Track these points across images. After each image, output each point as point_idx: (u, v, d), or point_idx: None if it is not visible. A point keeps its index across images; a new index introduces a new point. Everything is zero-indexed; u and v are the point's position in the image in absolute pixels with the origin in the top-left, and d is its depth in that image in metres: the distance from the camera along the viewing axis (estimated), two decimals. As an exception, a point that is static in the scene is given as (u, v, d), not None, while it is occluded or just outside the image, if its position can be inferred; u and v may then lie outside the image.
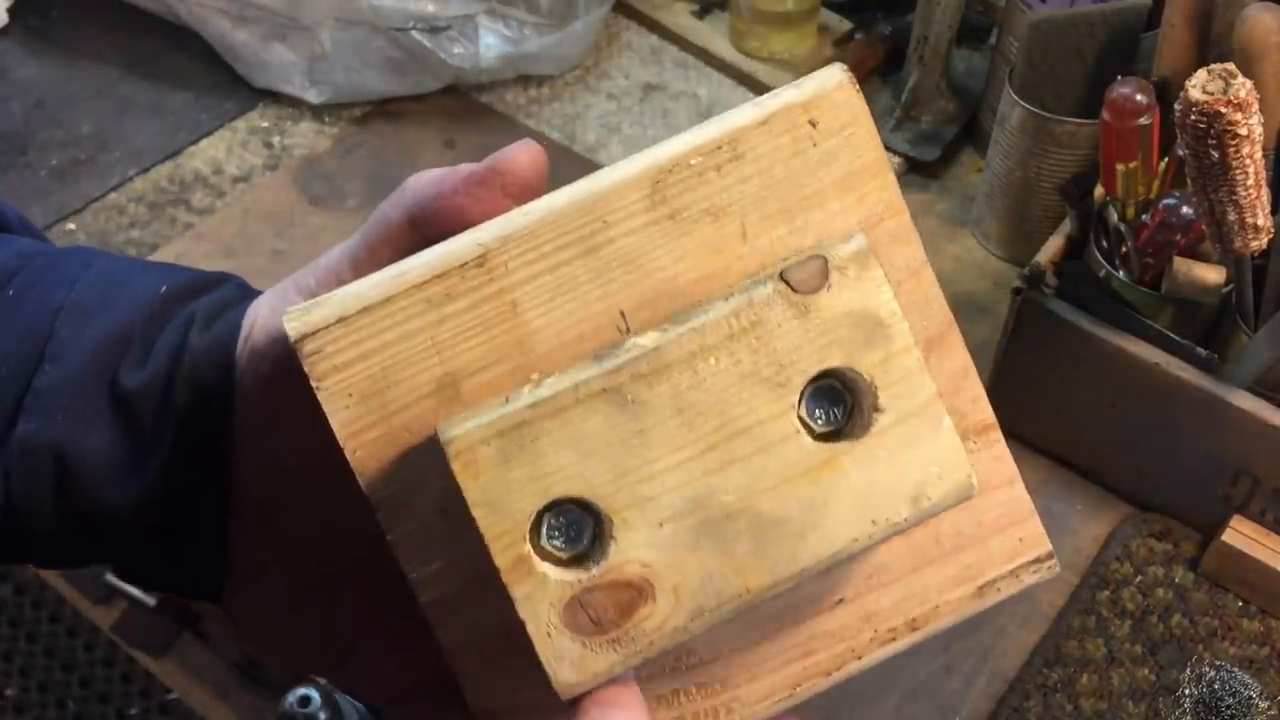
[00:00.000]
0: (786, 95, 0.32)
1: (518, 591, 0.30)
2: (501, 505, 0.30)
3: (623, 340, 0.31)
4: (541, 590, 0.30)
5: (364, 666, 0.38)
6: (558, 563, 0.30)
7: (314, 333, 0.31)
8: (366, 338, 0.32)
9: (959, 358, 0.34)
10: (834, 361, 0.31)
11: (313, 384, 0.32)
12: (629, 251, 0.32)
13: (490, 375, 0.32)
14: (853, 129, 0.33)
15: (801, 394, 0.31)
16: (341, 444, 0.32)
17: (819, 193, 0.33)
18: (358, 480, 0.32)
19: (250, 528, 0.37)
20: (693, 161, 0.32)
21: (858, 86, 0.33)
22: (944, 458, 0.31)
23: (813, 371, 0.31)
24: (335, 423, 0.32)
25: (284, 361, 0.35)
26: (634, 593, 0.30)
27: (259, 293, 0.39)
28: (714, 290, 0.32)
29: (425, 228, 0.35)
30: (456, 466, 0.30)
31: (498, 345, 0.32)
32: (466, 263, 0.32)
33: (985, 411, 0.35)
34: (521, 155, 0.34)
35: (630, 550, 0.30)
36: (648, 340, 0.30)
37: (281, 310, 0.35)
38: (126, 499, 0.37)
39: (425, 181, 0.35)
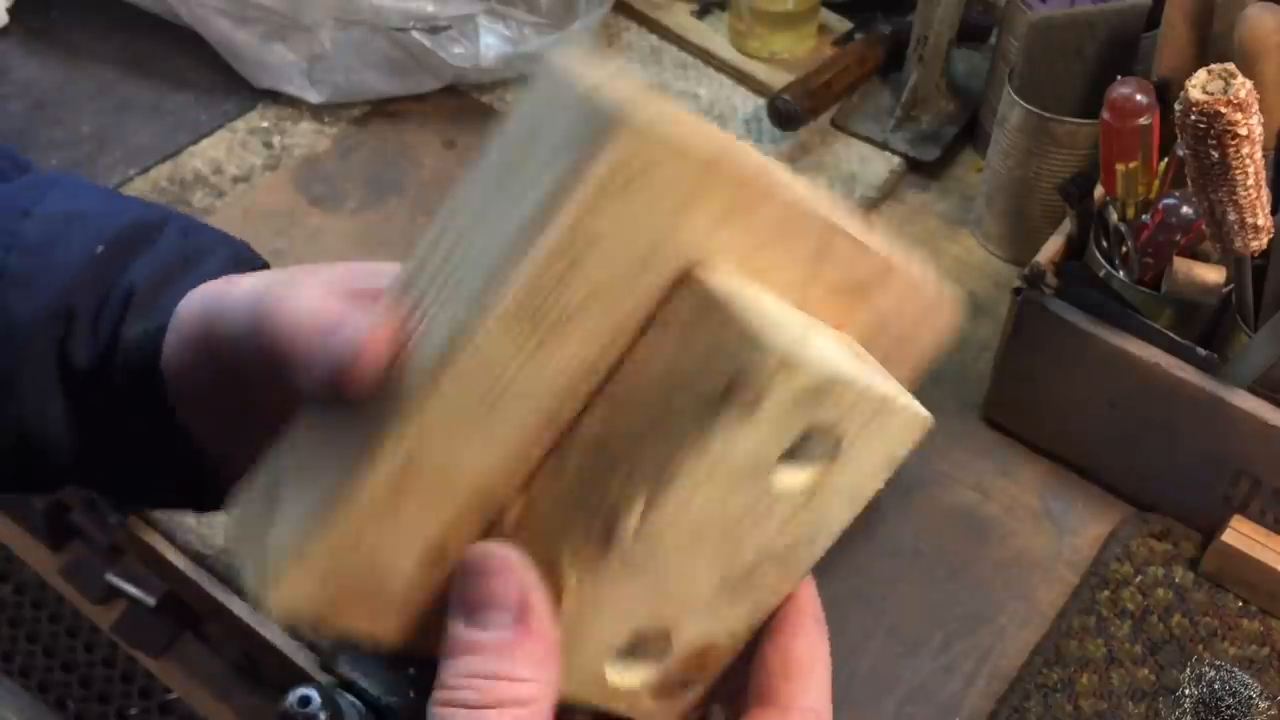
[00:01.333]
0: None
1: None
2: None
3: (573, 427, 0.32)
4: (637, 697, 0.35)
5: None
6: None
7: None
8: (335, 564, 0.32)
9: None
10: (796, 435, 0.31)
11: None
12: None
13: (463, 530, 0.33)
14: None
15: (774, 469, 0.32)
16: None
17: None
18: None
19: (222, 444, 0.42)
20: None
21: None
22: (904, 426, 0.33)
23: (780, 453, 0.31)
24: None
25: (203, 352, 0.40)
26: (704, 652, 0.35)
27: (198, 229, 0.47)
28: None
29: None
30: None
31: (458, 506, 0.32)
32: (395, 468, 0.31)
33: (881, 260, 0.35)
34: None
35: (687, 636, 0.34)
36: (634, 522, 0.31)
37: (206, 303, 0.41)
38: (72, 456, 0.42)
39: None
